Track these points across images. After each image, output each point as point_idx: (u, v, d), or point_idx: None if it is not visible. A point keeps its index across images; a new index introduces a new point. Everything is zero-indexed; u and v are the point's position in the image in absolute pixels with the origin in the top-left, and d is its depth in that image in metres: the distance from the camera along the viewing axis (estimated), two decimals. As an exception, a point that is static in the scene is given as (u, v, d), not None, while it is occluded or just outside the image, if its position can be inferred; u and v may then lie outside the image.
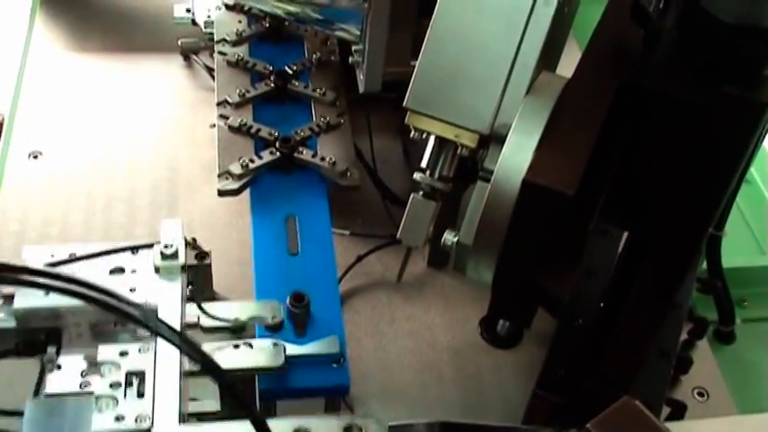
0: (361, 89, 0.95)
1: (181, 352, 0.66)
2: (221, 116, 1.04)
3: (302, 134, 1.03)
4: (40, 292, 0.70)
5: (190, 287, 1.01)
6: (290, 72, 1.07)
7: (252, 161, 0.99)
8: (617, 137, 0.70)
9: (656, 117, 0.71)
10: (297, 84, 1.08)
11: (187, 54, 1.28)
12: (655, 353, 0.96)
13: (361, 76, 0.94)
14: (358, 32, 0.93)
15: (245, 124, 1.03)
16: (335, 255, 0.99)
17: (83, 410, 0.67)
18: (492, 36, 0.70)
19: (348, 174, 1.00)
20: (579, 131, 0.68)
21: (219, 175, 0.98)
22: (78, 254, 0.78)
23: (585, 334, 0.96)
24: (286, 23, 1.12)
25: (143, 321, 0.58)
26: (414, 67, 0.92)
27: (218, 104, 1.06)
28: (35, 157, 1.17)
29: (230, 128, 1.03)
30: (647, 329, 0.88)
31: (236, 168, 0.98)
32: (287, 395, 0.86)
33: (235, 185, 0.98)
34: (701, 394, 1.03)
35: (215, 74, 1.11)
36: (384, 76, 0.94)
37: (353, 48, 0.95)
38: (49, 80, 1.28)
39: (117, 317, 0.64)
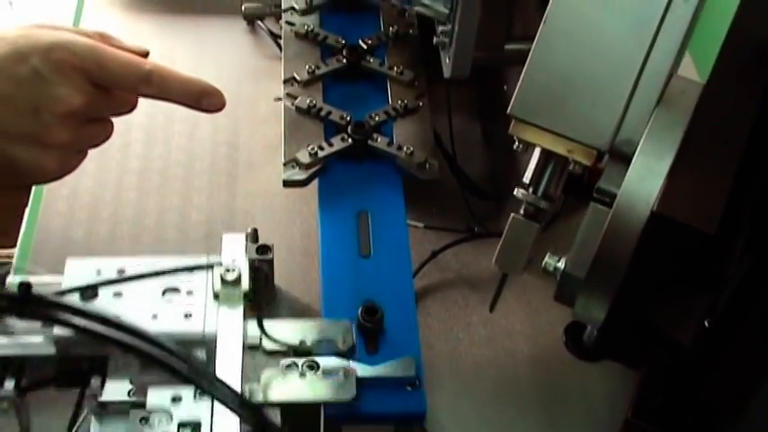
0: (447, 74, 0.84)
1: (240, 419, 0.57)
2: (288, 95, 0.93)
3: (377, 119, 0.92)
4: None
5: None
6: (365, 47, 0.97)
7: (321, 148, 0.89)
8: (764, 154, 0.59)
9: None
10: (372, 60, 0.97)
11: (251, 20, 1.18)
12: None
13: (446, 60, 0.84)
14: (443, 9, 0.82)
15: (315, 105, 0.93)
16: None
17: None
18: (618, 36, 0.59)
19: (427, 165, 0.90)
20: (719, 151, 0.58)
21: (285, 164, 0.88)
22: (128, 271, 0.69)
23: (689, 355, 0.86)
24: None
25: (195, 381, 0.49)
26: (508, 51, 0.83)
27: (285, 82, 0.96)
28: (85, 128, 1.09)
29: (298, 109, 0.92)
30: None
31: (303, 156, 0.89)
32: (355, 421, 0.77)
33: (302, 176, 0.88)
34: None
35: (282, 47, 1.00)
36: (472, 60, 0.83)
37: (440, 28, 0.84)
38: (103, 43, 1.19)
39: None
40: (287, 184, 0.88)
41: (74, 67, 0.68)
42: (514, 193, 0.66)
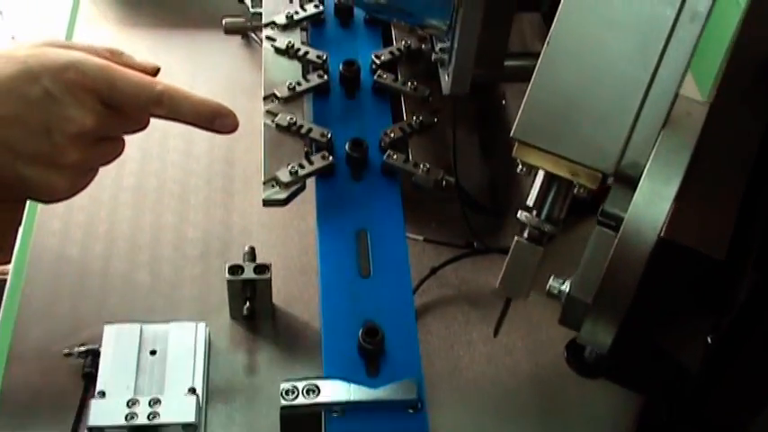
0: (446, 91, 0.83)
1: None
2: (268, 112, 0.91)
3: (392, 135, 0.91)
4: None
5: (247, 304, 0.92)
6: (378, 62, 0.96)
7: (302, 167, 0.87)
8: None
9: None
10: (385, 76, 0.95)
11: (233, 33, 1.15)
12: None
13: (446, 77, 0.83)
14: (442, 26, 0.81)
15: (295, 123, 0.90)
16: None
17: None
18: (622, 57, 0.58)
19: (444, 182, 0.89)
20: (726, 173, 0.57)
21: (265, 183, 0.87)
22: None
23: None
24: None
25: None
26: (507, 67, 0.82)
27: (265, 99, 0.93)
28: (79, 145, 1.07)
29: (278, 127, 0.90)
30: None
31: (284, 175, 0.87)
32: (357, 445, 0.76)
33: (282, 195, 0.86)
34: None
35: (263, 63, 0.98)
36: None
37: (439, 45, 0.83)
38: (96, 58, 1.17)
39: None
40: (267, 203, 0.86)
41: (85, 87, 0.68)
42: (518, 216, 0.65)
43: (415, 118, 0.91)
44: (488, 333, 0.97)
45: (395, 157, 0.88)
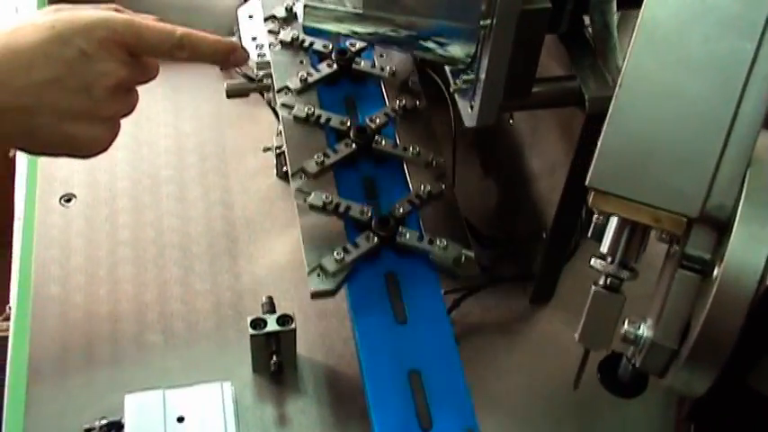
0: (471, 123, 0.79)
1: None
2: (299, 191, 0.87)
3: (401, 210, 0.86)
4: None
5: (274, 359, 0.88)
6: (372, 126, 0.91)
7: (347, 251, 0.83)
8: None
9: None
10: (384, 143, 0.91)
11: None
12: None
13: (469, 109, 0.79)
14: (461, 56, 0.78)
15: (331, 202, 0.86)
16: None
17: None
18: (701, 95, 0.55)
19: (463, 259, 0.84)
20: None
21: (309, 273, 0.82)
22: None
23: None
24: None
25: None
26: (534, 96, 0.79)
27: (294, 175, 0.88)
28: (68, 200, 1.02)
29: (312, 207, 0.86)
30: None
31: (330, 264, 0.82)
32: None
33: (331, 285, 0.82)
34: None
35: (282, 133, 0.92)
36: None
37: (463, 77, 0.79)
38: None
39: None
40: (315, 295, 0.82)
41: (115, 42, 0.72)
42: (591, 263, 0.62)
43: (422, 187, 0.88)
44: (519, 361, 0.95)
45: (407, 235, 0.84)
